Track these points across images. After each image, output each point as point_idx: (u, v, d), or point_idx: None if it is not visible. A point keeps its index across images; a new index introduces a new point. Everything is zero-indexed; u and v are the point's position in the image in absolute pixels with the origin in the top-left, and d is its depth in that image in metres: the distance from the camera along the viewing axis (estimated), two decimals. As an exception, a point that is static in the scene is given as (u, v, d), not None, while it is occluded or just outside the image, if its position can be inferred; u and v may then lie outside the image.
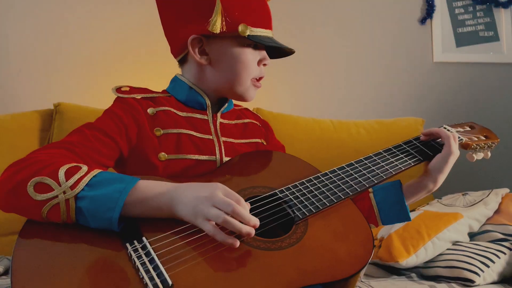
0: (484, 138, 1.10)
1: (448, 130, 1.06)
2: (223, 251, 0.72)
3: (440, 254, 1.24)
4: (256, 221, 0.72)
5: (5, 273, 1.31)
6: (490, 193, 1.39)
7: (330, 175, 0.91)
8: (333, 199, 0.85)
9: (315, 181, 0.89)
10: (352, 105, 2.18)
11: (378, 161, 0.97)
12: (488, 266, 1.13)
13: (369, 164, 0.95)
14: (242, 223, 0.71)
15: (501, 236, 1.26)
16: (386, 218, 1.00)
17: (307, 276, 0.70)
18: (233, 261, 0.71)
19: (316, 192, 0.86)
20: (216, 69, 0.96)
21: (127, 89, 0.95)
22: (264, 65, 0.98)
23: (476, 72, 2.29)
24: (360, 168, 0.94)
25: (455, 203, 1.41)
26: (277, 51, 1.01)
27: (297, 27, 2.12)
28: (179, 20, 0.96)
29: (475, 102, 2.27)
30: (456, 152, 0.97)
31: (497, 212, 1.35)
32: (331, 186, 0.88)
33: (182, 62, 1.02)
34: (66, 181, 0.71)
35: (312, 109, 2.09)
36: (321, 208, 0.83)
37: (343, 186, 0.88)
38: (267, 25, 0.96)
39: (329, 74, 2.17)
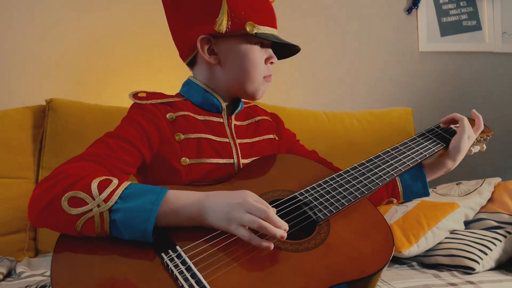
0: (480, 132, 1.15)
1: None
2: (255, 254, 0.74)
3: (439, 243, 1.29)
4: (286, 226, 0.75)
5: (8, 275, 1.29)
6: (483, 182, 1.45)
7: (345, 175, 0.94)
8: (351, 198, 0.88)
9: (331, 182, 0.92)
10: (341, 96, 2.21)
11: (387, 158, 1.01)
12: (486, 254, 1.19)
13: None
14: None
15: (495, 224, 1.32)
16: (408, 193, 1.09)
17: (337, 274, 0.73)
18: (265, 264, 0.73)
19: (334, 193, 0.89)
20: (225, 68, 0.97)
21: (144, 94, 0.95)
22: (271, 63, 1.01)
23: (461, 60, 2.36)
24: (371, 167, 0.98)
25: (450, 192, 1.47)
26: (283, 51, 1.03)
27: (286, 19, 2.12)
28: (188, 22, 0.97)
29: (461, 90, 2.34)
30: (468, 131, 1.04)
31: (490, 200, 1.41)
32: (347, 186, 0.91)
33: (191, 65, 1.02)
34: (100, 194, 0.72)
35: (304, 101, 2.11)
36: (340, 208, 0.86)
37: (358, 186, 0.92)
38: (272, 23, 0.98)
39: (318, 66, 2.19)
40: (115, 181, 0.75)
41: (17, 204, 1.52)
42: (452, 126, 1.10)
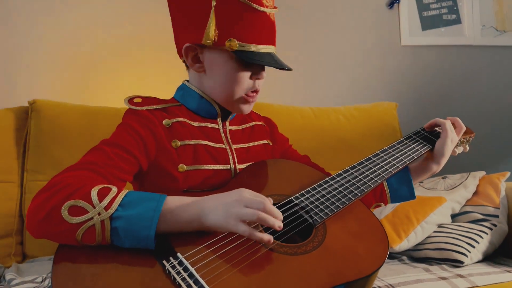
0: (462, 134, 1.16)
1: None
2: (255, 259, 0.75)
3: (428, 237, 1.33)
4: (281, 215, 0.77)
5: (-4, 282, 1.28)
6: (468, 176, 1.50)
7: (338, 179, 0.95)
8: (345, 201, 0.89)
9: (325, 186, 0.93)
10: (325, 91, 2.22)
11: (377, 161, 1.02)
12: (473, 247, 1.23)
13: (370, 166, 1.00)
14: None
15: (481, 217, 1.37)
16: (395, 197, 1.08)
17: (335, 276, 0.74)
18: (266, 268, 0.74)
19: (328, 196, 0.90)
20: (210, 79, 0.96)
21: (140, 100, 0.94)
22: (258, 79, 0.96)
23: (442, 54, 2.39)
24: (363, 170, 0.99)
25: (436, 186, 1.51)
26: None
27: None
28: (178, 26, 0.97)
29: (443, 84, 2.38)
30: (451, 135, 1.05)
31: (475, 193, 1.46)
32: (340, 189, 0.92)
33: (187, 66, 1.01)
34: (100, 202, 0.71)
35: (288, 97, 2.12)
36: (335, 210, 0.87)
37: (351, 189, 0.93)
38: (264, 40, 0.92)
39: (301, 62, 2.19)
40: (114, 189, 0.75)
41: (3, 209, 1.49)
42: (436, 128, 1.11)
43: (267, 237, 0.74)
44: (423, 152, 1.06)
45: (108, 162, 0.82)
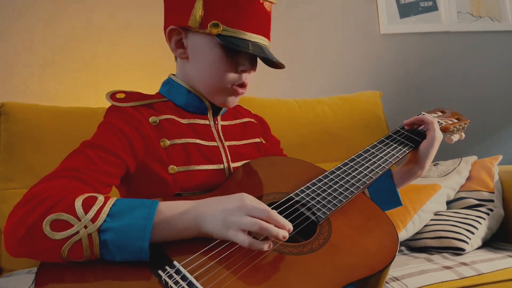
0: (456, 121, 1.12)
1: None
2: (258, 262, 0.69)
3: (426, 226, 1.29)
4: (290, 225, 0.70)
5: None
6: (460, 161, 1.47)
7: (337, 172, 0.90)
8: (347, 194, 0.84)
9: (325, 180, 0.88)
10: (308, 83, 2.18)
11: (377, 153, 0.97)
12: (473, 233, 1.20)
13: (369, 157, 0.95)
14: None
15: (476, 202, 1.34)
16: (379, 205, 1.00)
17: (347, 273, 0.69)
18: (271, 271, 0.68)
19: (329, 191, 0.85)
20: (193, 66, 0.89)
21: (123, 95, 0.85)
22: (244, 71, 0.88)
23: (420, 41, 2.38)
24: (362, 162, 0.94)
25: (429, 174, 1.48)
26: (268, 60, 0.91)
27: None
28: (166, 9, 0.89)
29: (424, 71, 2.37)
30: (440, 136, 0.97)
31: (468, 179, 1.43)
32: (341, 182, 0.87)
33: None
34: (85, 214, 0.63)
35: (271, 90, 2.06)
36: (338, 205, 0.82)
37: (352, 182, 0.88)
38: (254, 28, 0.84)
39: (281, 54, 2.12)
40: (101, 198, 0.67)
41: (-26, 221, 1.39)
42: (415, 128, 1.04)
43: (267, 245, 0.68)
44: (407, 152, 0.97)
45: (91, 167, 0.74)
